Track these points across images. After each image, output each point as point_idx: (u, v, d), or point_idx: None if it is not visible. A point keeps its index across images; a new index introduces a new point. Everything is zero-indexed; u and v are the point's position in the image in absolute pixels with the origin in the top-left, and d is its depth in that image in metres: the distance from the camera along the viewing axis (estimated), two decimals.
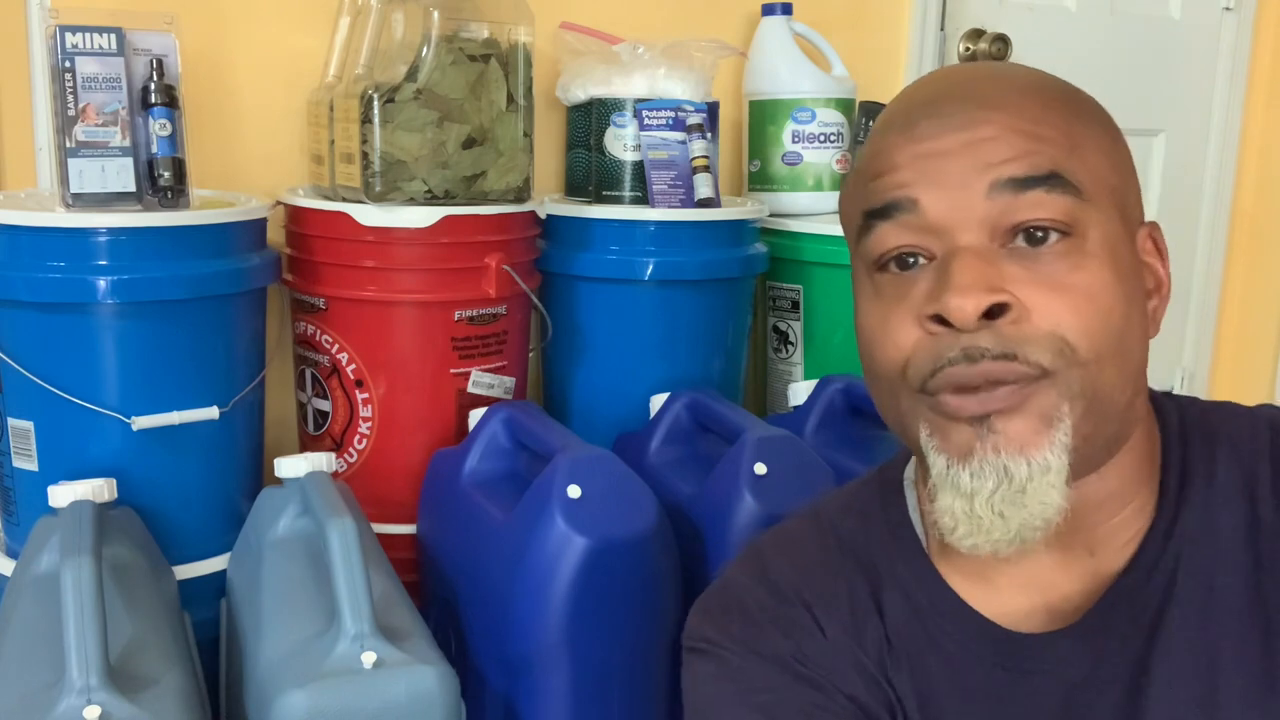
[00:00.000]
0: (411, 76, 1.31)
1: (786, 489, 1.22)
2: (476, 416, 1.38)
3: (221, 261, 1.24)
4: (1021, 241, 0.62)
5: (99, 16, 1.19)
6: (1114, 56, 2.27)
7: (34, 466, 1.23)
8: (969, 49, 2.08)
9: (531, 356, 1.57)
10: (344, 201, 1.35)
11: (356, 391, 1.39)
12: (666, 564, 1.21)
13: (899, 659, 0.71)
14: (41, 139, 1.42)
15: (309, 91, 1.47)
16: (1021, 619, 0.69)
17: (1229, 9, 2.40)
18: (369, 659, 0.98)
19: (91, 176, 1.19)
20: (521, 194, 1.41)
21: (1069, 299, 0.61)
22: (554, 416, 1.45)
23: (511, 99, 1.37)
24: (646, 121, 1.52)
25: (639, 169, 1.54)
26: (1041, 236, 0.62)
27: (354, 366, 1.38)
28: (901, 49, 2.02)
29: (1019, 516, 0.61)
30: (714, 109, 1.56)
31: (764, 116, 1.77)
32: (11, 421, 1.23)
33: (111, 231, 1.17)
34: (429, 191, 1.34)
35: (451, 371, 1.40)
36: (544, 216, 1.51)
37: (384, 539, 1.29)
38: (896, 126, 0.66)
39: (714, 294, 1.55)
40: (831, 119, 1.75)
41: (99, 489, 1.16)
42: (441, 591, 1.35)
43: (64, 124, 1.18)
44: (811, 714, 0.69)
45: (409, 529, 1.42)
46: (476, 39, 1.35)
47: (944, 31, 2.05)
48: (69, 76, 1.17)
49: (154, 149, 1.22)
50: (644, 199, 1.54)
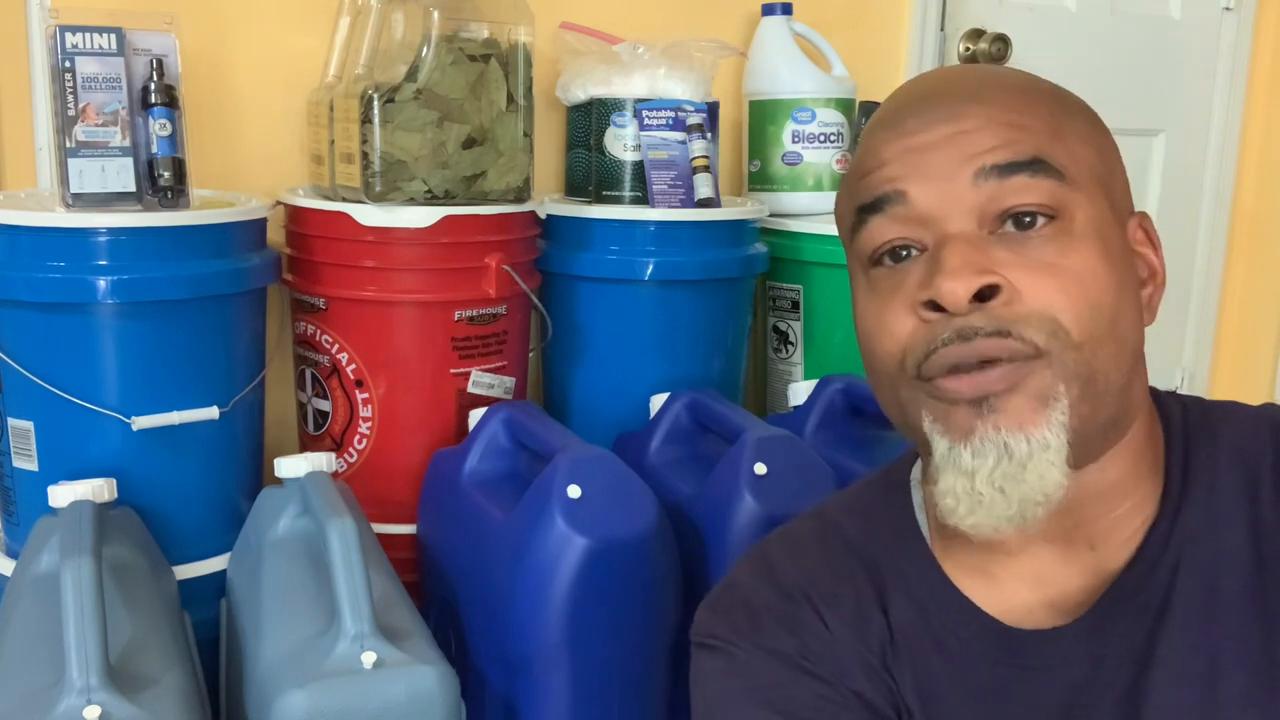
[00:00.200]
0: (411, 76, 1.31)
1: (786, 489, 1.22)
2: (476, 416, 1.38)
3: (221, 261, 1.24)
4: (1010, 227, 0.64)
5: (99, 16, 1.19)
6: (1114, 56, 2.27)
7: (34, 466, 1.23)
8: (969, 49, 2.07)
9: (531, 356, 1.57)
10: (344, 201, 1.35)
11: (356, 391, 1.39)
12: (666, 564, 1.21)
13: (902, 656, 0.71)
14: (41, 139, 1.42)
15: (309, 91, 1.47)
16: (1024, 615, 0.69)
17: (1229, 9, 2.40)
18: (369, 659, 0.98)
19: (91, 176, 1.19)
20: (521, 194, 1.41)
21: (1058, 281, 0.62)
22: (554, 416, 1.45)
23: (511, 99, 1.37)
24: (646, 121, 1.52)
25: (639, 169, 1.54)
26: (1029, 221, 0.63)
27: (354, 366, 1.38)
28: (901, 49, 2.02)
29: (1019, 491, 0.62)
30: (714, 109, 1.56)
31: (764, 116, 1.77)
32: (11, 421, 1.23)
33: (111, 231, 1.17)
34: (429, 191, 1.34)
35: (451, 371, 1.40)
36: (544, 216, 1.51)
37: (384, 539, 1.29)
38: (885, 124, 0.68)
39: (714, 294, 1.55)
40: (831, 119, 1.75)
41: (99, 489, 1.16)
42: (441, 591, 1.35)
43: (64, 124, 1.18)
44: (820, 707, 0.70)
45: (409, 529, 1.42)
46: (476, 39, 1.35)
47: (944, 31, 2.05)
48: (69, 76, 1.17)
49: (154, 149, 1.22)
50: (644, 199, 1.54)
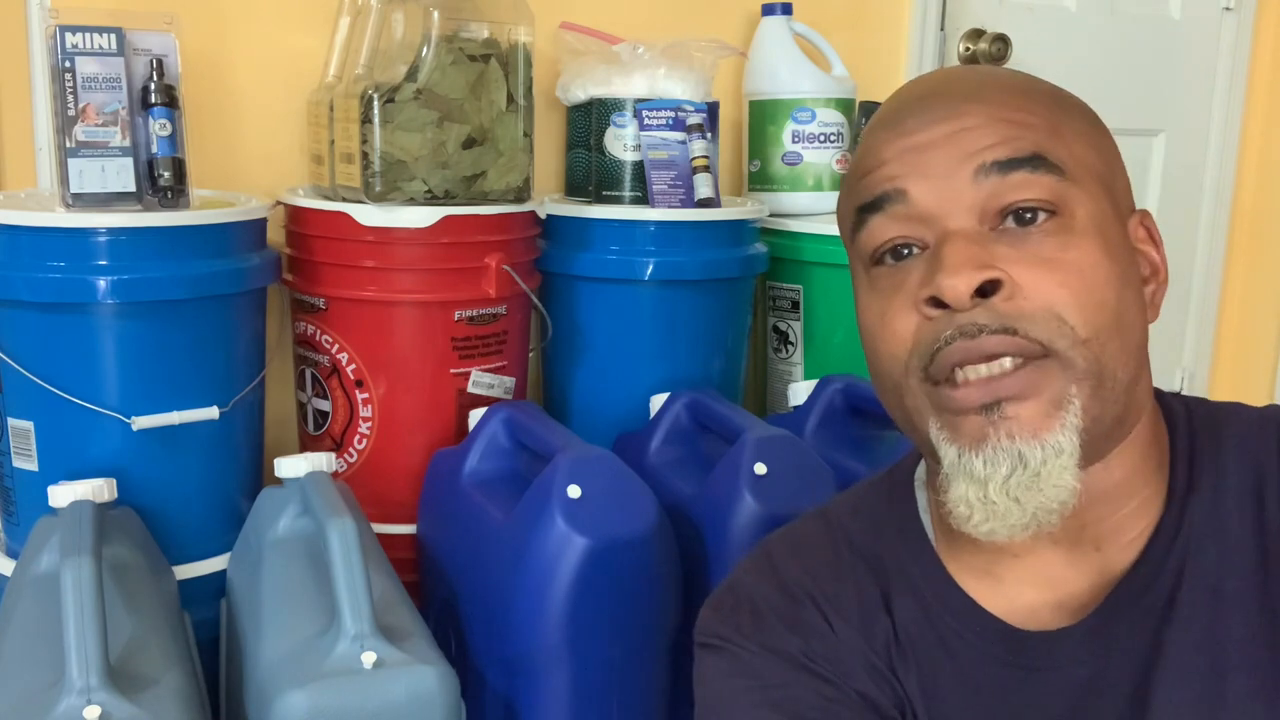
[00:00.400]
0: (411, 76, 1.31)
1: (786, 489, 1.22)
2: (476, 416, 1.38)
3: (221, 261, 1.24)
4: (1010, 223, 0.64)
5: (99, 16, 1.19)
6: (1114, 56, 2.27)
7: (34, 466, 1.23)
8: (969, 49, 2.07)
9: (531, 356, 1.57)
10: (344, 201, 1.35)
11: (356, 391, 1.39)
12: (666, 564, 1.21)
13: (907, 657, 0.71)
14: (41, 139, 1.42)
15: (309, 91, 1.47)
16: (1029, 616, 0.69)
17: (1229, 9, 2.40)
18: (369, 659, 0.98)
19: (91, 176, 1.19)
20: (521, 194, 1.41)
21: (1060, 275, 0.62)
22: (554, 416, 1.45)
23: (511, 99, 1.37)
24: (646, 121, 1.52)
25: (639, 169, 1.54)
26: (1030, 217, 0.63)
27: (354, 366, 1.38)
28: (901, 49, 2.02)
29: (1034, 501, 0.62)
30: (714, 109, 1.56)
31: (764, 116, 1.77)
32: (11, 421, 1.23)
33: (111, 231, 1.17)
34: (429, 191, 1.34)
35: (451, 371, 1.40)
36: (544, 216, 1.51)
37: (384, 539, 1.29)
38: (884, 124, 0.68)
39: (714, 294, 1.55)
40: (831, 119, 1.75)
41: (99, 489, 1.16)
42: (441, 591, 1.35)
43: (64, 124, 1.18)
44: (824, 708, 0.70)
45: (409, 529, 1.42)
46: (476, 39, 1.35)
47: (944, 31, 2.05)
48: (69, 76, 1.17)
49: (154, 149, 1.22)
50: (644, 199, 1.54)
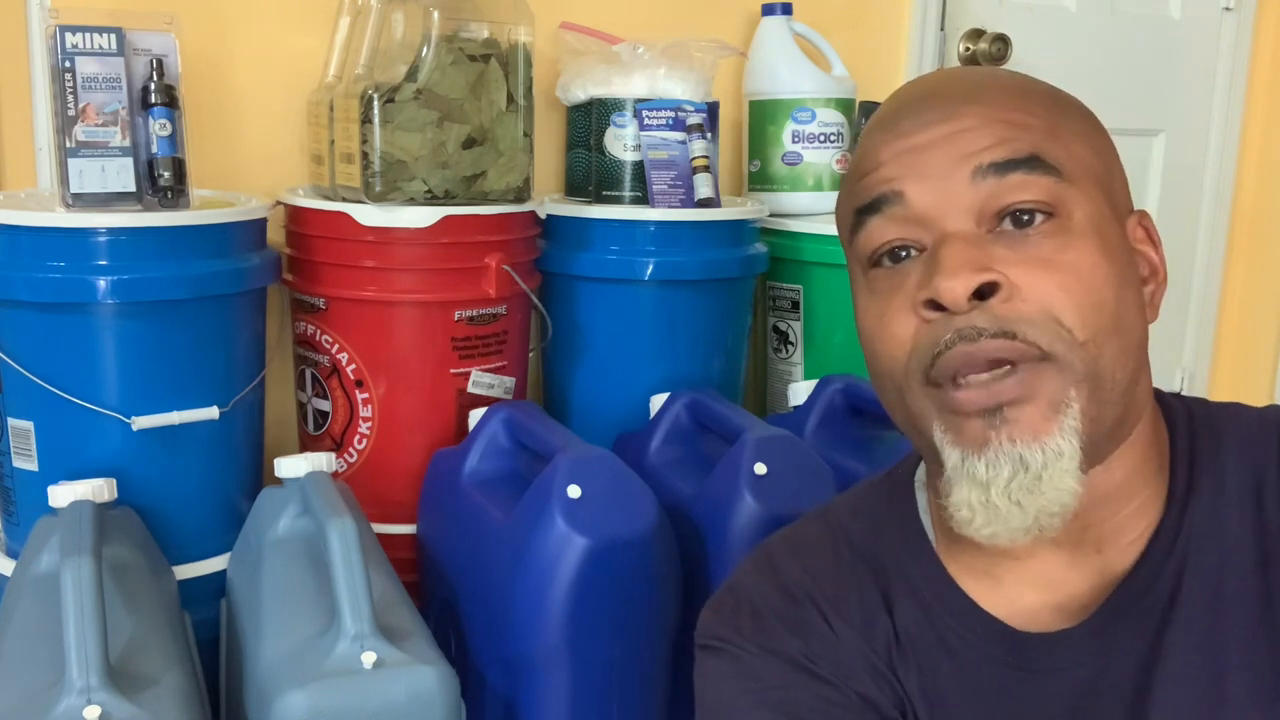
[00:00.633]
0: (411, 76, 1.31)
1: (786, 489, 1.22)
2: (476, 416, 1.38)
3: (221, 261, 1.24)
4: (1008, 225, 0.64)
5: (99, 16, 1.19)
6: (1114, 56, 2.27)
7: (34, 466, 1.23)
8: (969, 49, 2.07)
9: (531, 356, 1.57)
10: (344, 201, 1.35)
11: (356, 391, 1.39)
12: (666, 564, 1.21)
13: (908, 658, 0.71)
14: (41, 139, 1.42)
15: (309, 91, 1.47)
16: (1030, 618, 0.69)
17: (1229, 9, 2.40)
18: (369, 659, 0.98)
19: (91, 176, 1.19)
20: (521, 194, 1.41)
21: (1058, 277, 0.62)
22: (554, 416, 1.45)
23: (511, 99, 1.37)
24: (646, 121, 1.52)
25: (639, 169, 1.54)
26: (1027, 219, 0.63)
27: (354, 366, 1.38)
28: (901, 49, 2.02)
29: (1036, 504, 0.62)
30: (714, 109, 1.56)
31: (764, 116, 1.77)
32: (11, 421, 1.23)
33: (111, 231, 1.17)
34: (429, 191, 1.34)
35: (451, 371, 1.40)
36: (544, 216, 1.51)
37: (384, 539, 1.29)
38: (881, 127, 0.68)
39: (714, 294, 1.55)
40: (831, 119, 1.75)
41: (99, 489, 1.16)
42: (441, 591, 1.35)
43: (64, 124, 1.18)
44: (825, 710, 0.70)
45: (409, 529, 1.42)
46: (476, 39, 1.35)
47: (944, 31, 2.05)
48: (69, 76, 1.17)
49: (154, 149, 1.22)
50: (644, 199, 1.54)
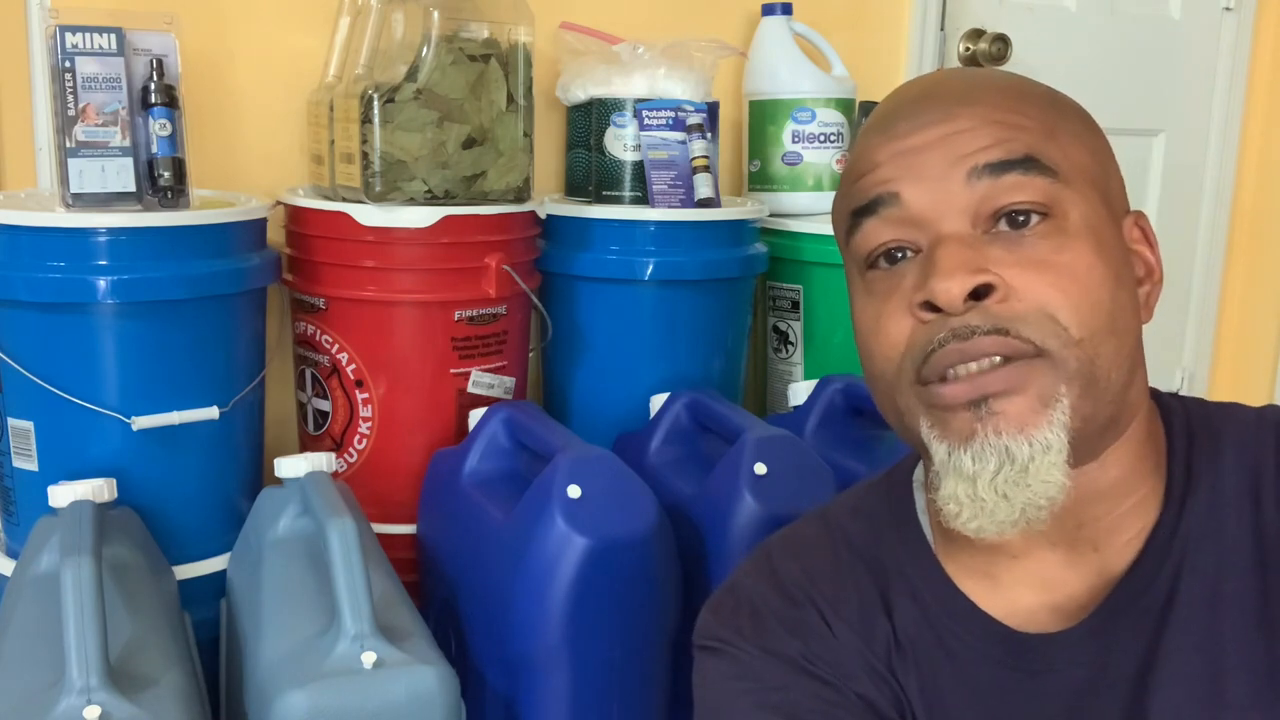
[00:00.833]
0: (411, 76, 1.31)
1: (786, 489, 1.22)
2: (476, 416, 1.38)
3: (221, 261, 1.24)
4: (1004, 226, 0.64)
5: (99, 16, 1.19)
6: (1114, 56, 2.27)
7: (34, 466, 1.23)
8: (969, 49, 2.07)
9: (531, 356, 1.57)
10: (344, 201, 1.35)
11: (356, 391, 1.39)
12: (666, 564, 1.21)
13: (907, 659, 0.71)
14: (41, 139, 1.42)
15: (309, 91, 1.47)
16: (1028, 618, 0.69)
17: (1229, 9, 2.40)
18: (369, 659, 0.98)
19: (91, 176, 1.19)
20: (521, 194, 1.41)
21: (1053, 278, 0.62)
22: (554, 416, 1.45)
23: (511, 99, 1.37)
24: (646, 121, 1.52)
25: (639, 169, 1.54)
26: (1023, 220, 0.63)
27: (354, 366, 1.38)
28: (901, 49, 2.02)
29: (1022, 496, 0.62)
30: (714, 109, 1.56)
31: (764, 116, 1.77)
32: (11, 421, 1.23)
33: (111, 231, 1.17)
34: (429, 191, 1.34)
35: (451, 371, 1.40)
36: (544, 216, 1.51)
37: (384, 539, 1.29)
38: (877, 128, 0.68)
39: (714, 294, 1.55)
40: (831, 119, 1.75)
41: (99, 489, 1.16)
42: (441, 591, 1.35)
43: (64, 124, 1.18)
44: (824, 711, 0.70)
45: (409, 529, 1.42)
46: (476, 39, 1.35)
47: (944, 31, 2.05)
48: (69, 76, 1.17)
49: (154, 149, 1.22)
50: (644, 199, 1.54)
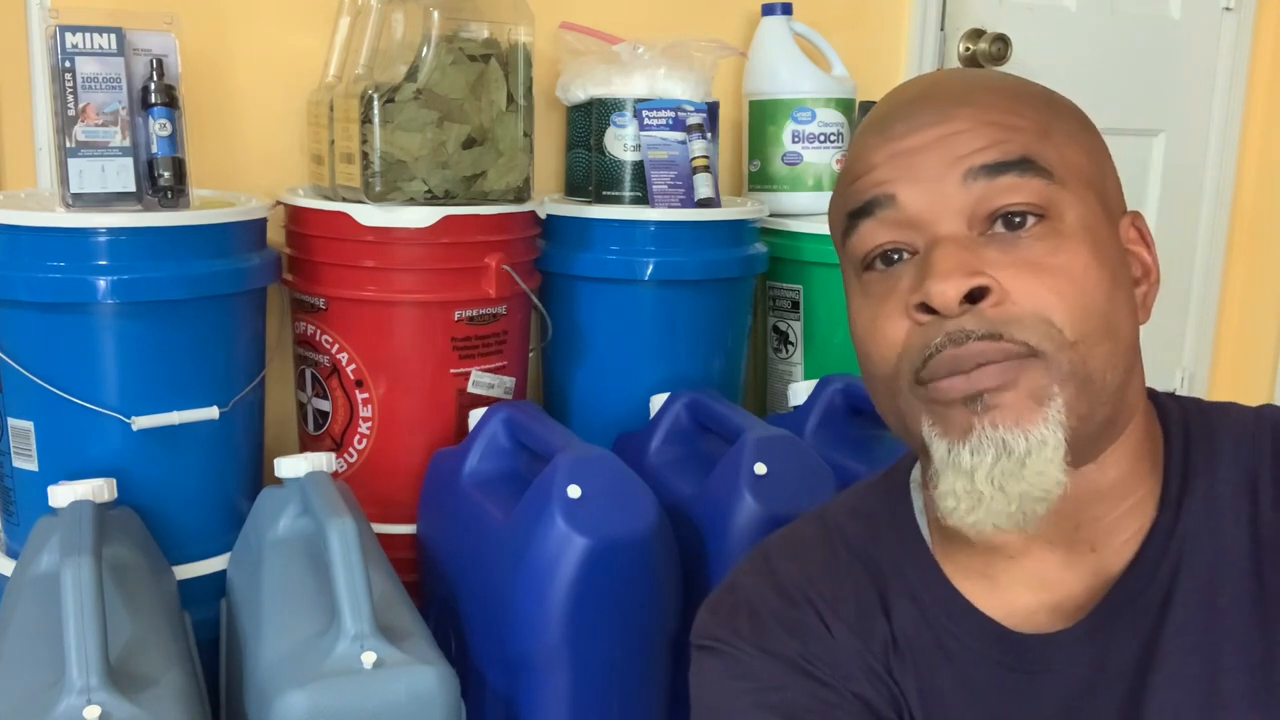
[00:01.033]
0: (411, 76, 1.31)
1: (786, 489, 1.22)
2: (476, 416, 1.38)
3: (221, 261, 1.24)
4: (1000, 228, 0.64)
5: (99, 16, 1.19)
6: (1114, 56, 2.27)
7: (34, 466, 1.23)
8: (969, 49, 2.07)
9: (531, 356, 1.57)
10: (344, 201, 1.35)
11: (356, 391, 1.39)
12: (666, 564, 1.21)
13: (905, 659, 0.71)
14: (41, 139, 1.42)
15: (309, 91, 1.47)
16: (1026, 619, 0.69)
17: (1229, 9, 2.40)
18: (369, 659, 0.98)
19: (91, 176, 1.19)
20: (521, 194, 1.41)
21: (1049, 280, 0.62)
22: (554, 416, 1.45)
23: (511, 99, 1.37)
24: (646, 121, 1.52)
25: (639, 169, 1.54)
26: (1019, 221, 0.64)
27: (354, 366, 1.38)
28: (901, 49, 2.02)
29: (1019, 489, 0.62)
30: (714, 109, 1.56)
31: (764, 116, 1.77)
32: (11, 421, 1.23)
33: (111, 231, 1.17)
34: (429, 191, 1.34)
35: (451, 371, 1.40)
36: (544, 216, 1.51)
37: (384, 539, 1.29)
38: (873, 129, 0.68)
39: (714, 294, 1.55)
40: (831, 119, 1.75)
41: (99, 489, 1.16)
42: (441, 591, 1.35)
43: (64, 124, 1.18)
44: (822, 711, 0.70)
45: (409, 529, 1.42)
46: (476, 39, 1.35)
47: (944, 31, 2.05)
48: (69, 76, 1.17)
49: (154, 149, 1.22)
50: (644, 199, 1.54)
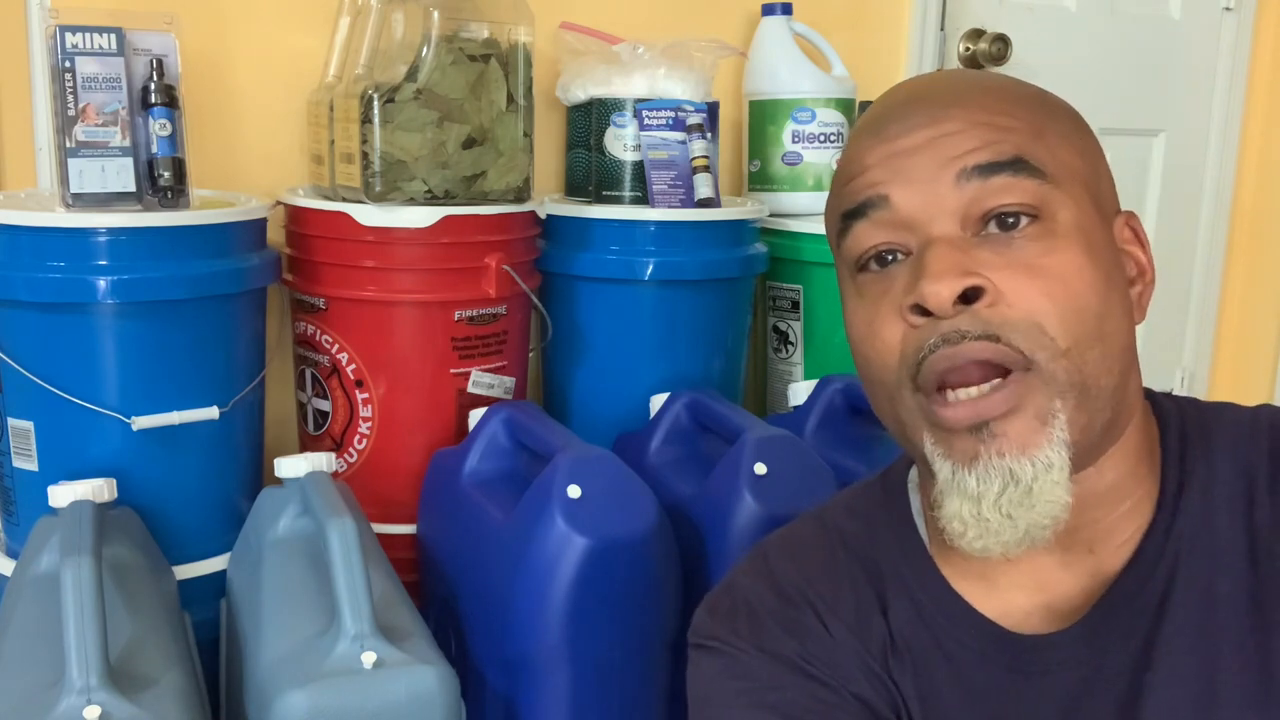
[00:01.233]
0: (411, 76, 1.31)
1: (786, 489, 1.22)
2: (476, 416, 1.38)
3: (221, 261, 1.24)
4: (993, 228, 0.64)
5: (99, 16, 1.19)
6: (1114, 56, 2.27)
7: (34, 466, 1.23)
8: (969, 49, 2.07)
9: (531, 356, 1.57)
10: (344, 201, 1.35)
11: (356, 391, 1.39)
12: (666, 564, 1.21)
13: (903, 659, 0.71)
14: (41, 139, 1.42)
15: (309, 91, 1.47)
16: (1023, 619, 0.69)
17: (1229, 9, 2.40)
18: (369, 659, 0.98)
19: (91, 176, 1.19)
20: (521, 194, 1.41)
21: (1042, 283, 0.62)
22: (554, 416, 1.45)
23: (511, 99, 1.37)
24: (646, 121, 1.52)
25: (639, 169, 1.54)
26: (1012, 222, 0.64)
27: (354, 366, 1.38)
28: (901, 49, 2.02)
29: (1027, 518, 0.62)
30: (714, 109, 1.56)
31: (764, 116, 1.77)
32: (11, 421, 1.23)
33: (111, 231, 1.17)
34: (429, 191, 1.34)
35: (451, 371, 1.40)
36: (544, 216, 1.51)
37: (384, 539, 1.29)
38: (867, 131, 0.68)
39: (714, 294, 1.55)
40: (831, 119, 1.75)
41: (99, 489, 1.16)
42: (441, 591, 1.35)
43: (64, 124, 1.18)
44: (820, 711, 0.70)
45: (409, 529, 1.42)
46: (476, 39, 1.35)
47: (944, 31, 2.05)
48: (69, 76, 1.17)
49: (154, 149, 1.22)
50: (644, 199, 1.54)
